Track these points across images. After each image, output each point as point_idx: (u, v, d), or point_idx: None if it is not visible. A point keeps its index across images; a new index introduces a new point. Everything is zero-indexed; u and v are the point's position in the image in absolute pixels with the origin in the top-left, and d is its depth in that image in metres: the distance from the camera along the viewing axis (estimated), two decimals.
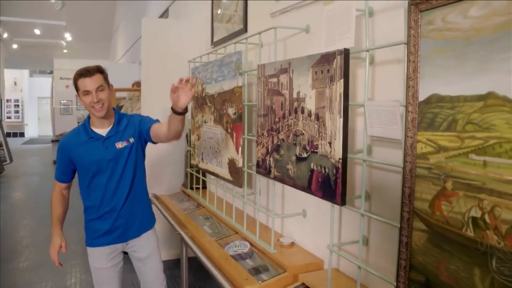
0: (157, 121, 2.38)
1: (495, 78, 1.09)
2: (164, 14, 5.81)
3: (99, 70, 2.14)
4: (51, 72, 17.04)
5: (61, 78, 14.17)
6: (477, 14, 1.13)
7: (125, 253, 2.47)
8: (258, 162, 2.36)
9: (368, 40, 1.67)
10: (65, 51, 13.33)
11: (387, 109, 1.48)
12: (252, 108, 2.80)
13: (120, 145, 2.23)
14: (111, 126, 2.25)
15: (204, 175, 3.76)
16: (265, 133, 2.25)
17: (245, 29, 3.13)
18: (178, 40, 4.31)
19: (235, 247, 2.60)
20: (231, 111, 2.76)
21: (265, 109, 2.24)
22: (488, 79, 1.11)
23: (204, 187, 3.84)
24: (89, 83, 2.08)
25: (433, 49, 1.27)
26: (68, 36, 11.34)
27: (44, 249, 4.66)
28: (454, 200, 1.21)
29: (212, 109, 3.10)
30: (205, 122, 3.25)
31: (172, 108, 2.10)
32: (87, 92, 2.09)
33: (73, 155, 2.22)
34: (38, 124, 20.32)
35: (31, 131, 20.02)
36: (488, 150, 1.11)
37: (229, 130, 2.81)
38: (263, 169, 2.30)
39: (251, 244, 2.60)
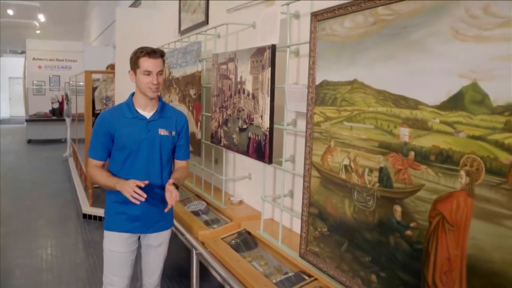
0: (187, 157, 2.36)
1: (357, 70, 1.62)
2: (137, 2, 6.18)
3: (162, 55, 2.15)
4: (22, 52, 16.97)
5: (34, 59, 14.20)
6: (348, 26, 1.66)
7: None
8: (212, 133, 2.88)
9: (289, 38, 2.19)
10: (38, 31, 13.40)
11: (298, 90, 2.01)
12: (209, 90, 3.29)
13: (163, 132, 2.21)
14: (154, 110, 2.21)
15: None
16: (217, 110, 2.76)
17: (206, 21, 3.61)
18: (149, 28, 4.74)
19: (194, 206, 3.13)
20: (192, 92, 3.25)
21: (217, 90, 2.75)
22: (354, 70, 1.64)
23: None
24: (153, 64, 2.08)
25: (325, 48, 1.79)
26: (41, 17, 11.46)
27: (22, 218, 5.11)
28: (335, 153, 1.75)
29: (177, 90, 3.58)
30: (171, 101, 3.73)
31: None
32: (148, 73, 2.08)
33: (114, 130, 2.15)
34: (10, 105, 20.22)
35: (2, 112, 19.84)
36: (353, 118, 1.65)
37: (190, 108, 3.30)
38: (216, 139, 2.82)
39: (207, 203, 3.12)
